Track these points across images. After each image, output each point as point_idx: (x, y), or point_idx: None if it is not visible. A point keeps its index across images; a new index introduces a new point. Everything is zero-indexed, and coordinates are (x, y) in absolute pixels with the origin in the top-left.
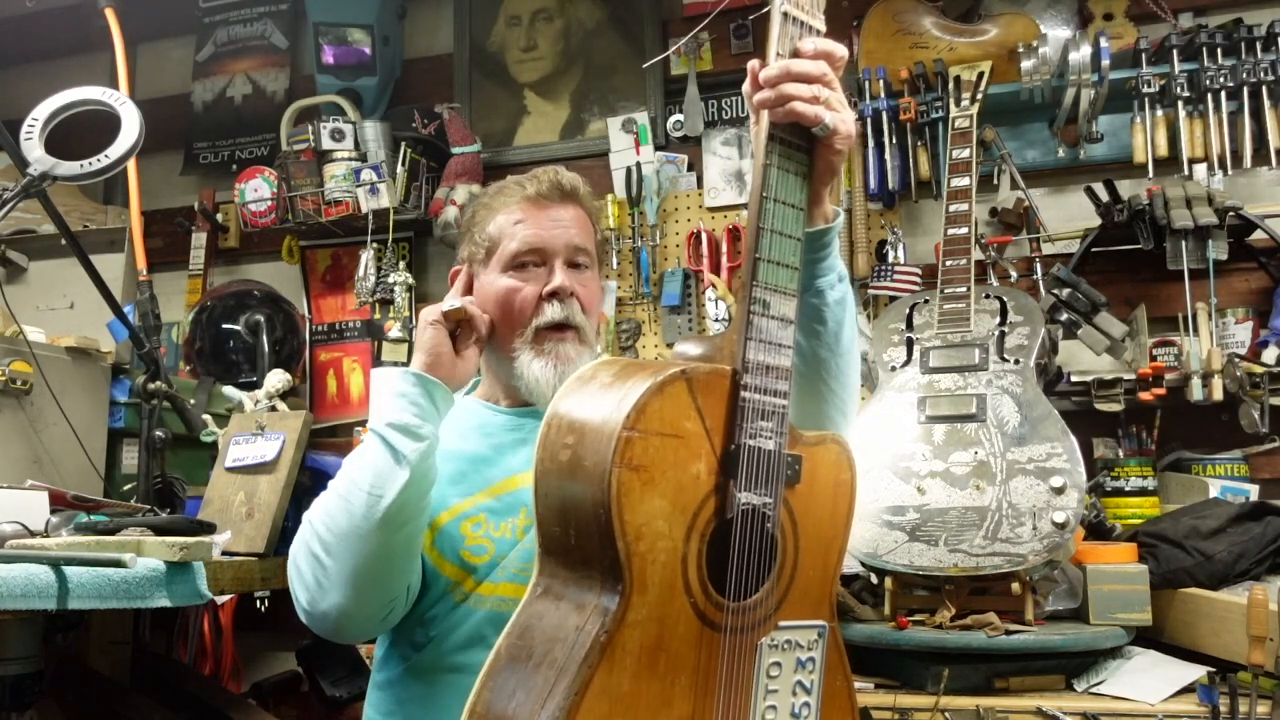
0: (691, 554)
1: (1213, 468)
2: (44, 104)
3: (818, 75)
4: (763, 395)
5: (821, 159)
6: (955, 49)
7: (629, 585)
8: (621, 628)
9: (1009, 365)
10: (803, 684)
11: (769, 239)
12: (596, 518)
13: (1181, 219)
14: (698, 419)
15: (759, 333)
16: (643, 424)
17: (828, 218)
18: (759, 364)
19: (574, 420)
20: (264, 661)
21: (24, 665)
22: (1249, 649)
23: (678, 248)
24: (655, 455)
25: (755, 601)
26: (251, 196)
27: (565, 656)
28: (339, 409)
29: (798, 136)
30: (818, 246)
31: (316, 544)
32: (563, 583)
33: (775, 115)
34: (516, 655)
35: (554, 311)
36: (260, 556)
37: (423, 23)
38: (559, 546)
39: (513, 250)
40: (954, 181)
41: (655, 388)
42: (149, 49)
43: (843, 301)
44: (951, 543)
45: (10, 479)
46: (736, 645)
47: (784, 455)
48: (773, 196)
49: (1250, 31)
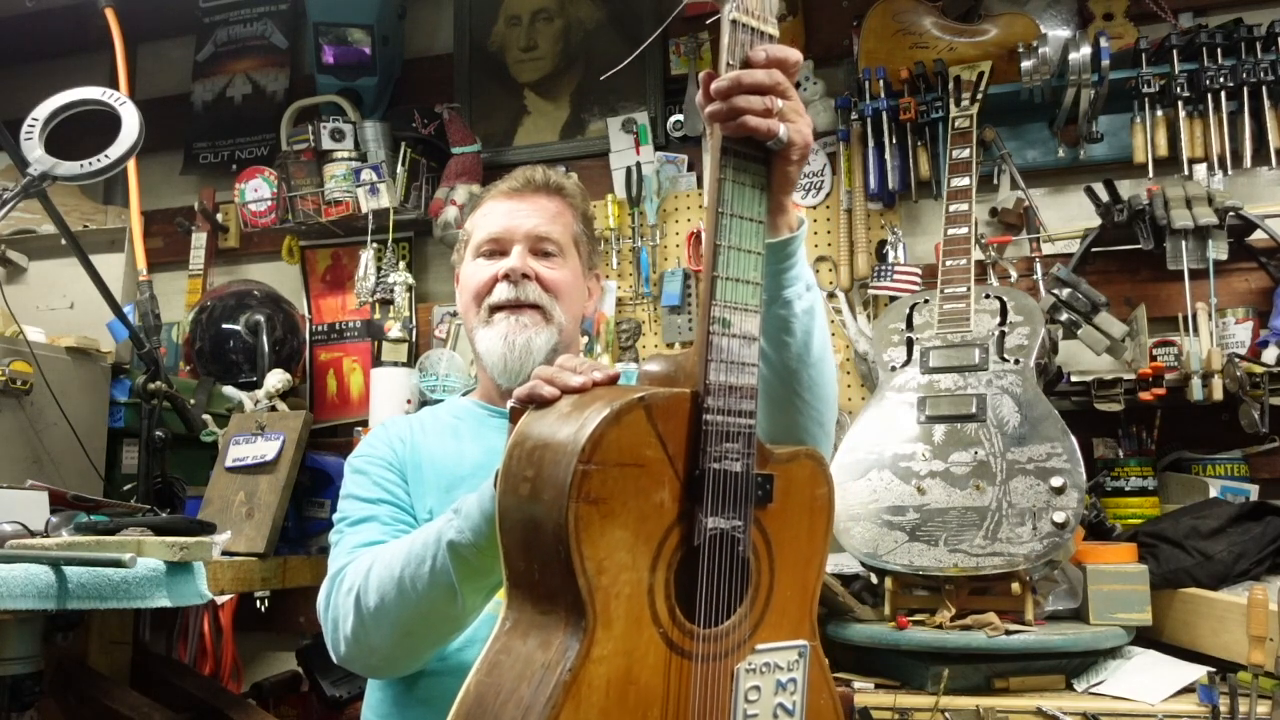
0: (659, 584)
1: (1213, 468)
2: (44, 104)
3: (770, 85)
4: (727, 417)
5: (778, 170)
6: (955, 49)
7: (592, 620)
8: (587, 664)
9: (1009, 365)
10: (784, 706)
11: (726, 255)
12: (557, 553)
13: (1181, 219)
14: (659, 446)
15: (720, 353)
16: (599, 455)
17: (791, 226)
18: (721, 385)
19: (533, 451)
20: (264, 661)
21: (24, 665)
22: (1249, 649)
23: (678, 248)
24: (614, 486)
25: (729, 627)
26: (251, 196)
27: (531, 696)
28: (339, 409)
29: (752, 148)
30: (782, 257)
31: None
32: (529, 617)
33: (727, 129)
34: (485, 693)
35: (501, 291)
36: (260, 556)
37: (423, 23)
38: (525, 580)
39: (478, 240)
40: (954, 181)
41: (611, 417)
42: (149, 49)
43: (811, 311)
44: (951, 543)
45: (10, 479)
46: (711, 673)
47: (753, 476)
48: (729, 211)
49: (1250, 31)
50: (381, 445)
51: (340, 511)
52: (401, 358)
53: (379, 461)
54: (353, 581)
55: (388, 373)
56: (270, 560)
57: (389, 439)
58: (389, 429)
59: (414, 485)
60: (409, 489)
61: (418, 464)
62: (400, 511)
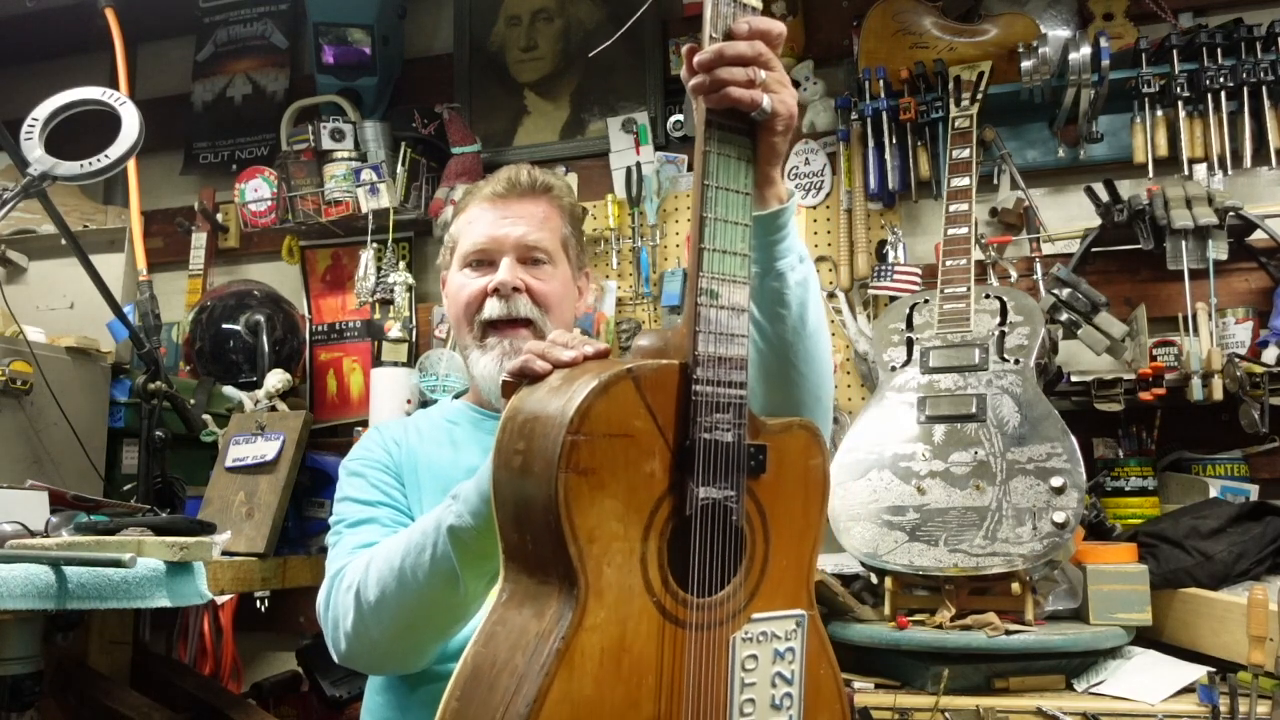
0: (651, 553)
1: (1213, 468)
2: (44, 104)
3: (753, 56)
4: (717, 388)
5: (764, 142)
6: (955, 49)
7: (585, 589)
8: (579, 632)
9: (1009, 365)
10: (783, 674)
11: (713, 227)
12: (548, 523)
13: (1181, 219)
14: (648, 417)
15: (709, 324)
16: (587, 427)
17: (781, 198)
18: (710, 356)
19: (524, 424)
20: (264, 661)
21: (24, 665)
22: (1249, 649)
23: (678, 248)
24: (604, 457)
25: (724, 596)
26: (251, 196)
27: (525, 664)
28: (339, 409)
29: (737, 120)
30: (773, 229)
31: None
32: (524, 588)
33: (711, 101)
34: (481, 663)
35: (493, 307)
36: (260, 556)
37: (423, 23)
38: (519, 553)
39: (465, 250)
40: (954, 181)
41: (599, 388)
42: (149, 49)
43: (805, 283)
44: (951, 543)
45: (10, 479)
46: (706, 641)
47: (745, 446)
48: (715, 183)
49: (1250, 31)
50: (377, 449)
51: (337, 514)
52: (401, 358)
53: (375, 464)
54: (352, 578)
55: (388, 373)
56: (270, 560)
57: (384, 442)
58: (383, 432)
59: (410, 490)
60: (405, 492)
61: (414, 468)
62: (398, 514)
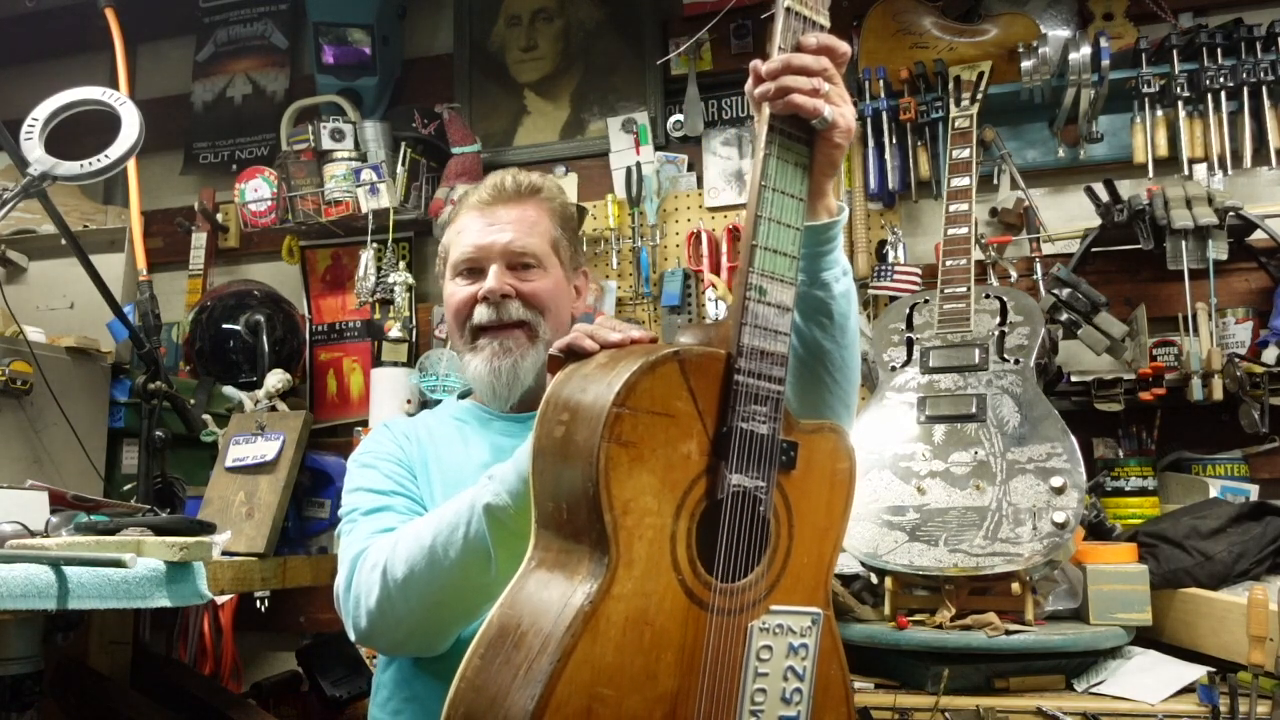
0: (680, 532)
1: (1213, 468)
2: (44, 104)
3: (818, 69)
4: (757, 380)
5: (821, 152)
6: (955, 49)
7: (615, 558)
8: (606, 599)
9: (1009, 365)
10: (794, 670)
11: (766, 227)
12: (586, 491)
13: (1181, 219)
14: (689, 400)
15: (754, 318)
16: (632, 401)
17: (831, 211)
18: (754, 349)
19: (569, 399)
20: (264, 661)
21: (24, 665)
22: (1249, 649)
23: (678, 248)
24: (645, 432)
25: (746, 584)
26: (251, 196)
27: (551, 625)
28: (339, 409)
29: (797, 128)
30: (822, 240)
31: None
32: (555, 556)
33: (775, 107)
34: (506, 624)
35: (481, 314)
36: (260, 556)
37: (423, 23)
38: (552, 521)
39: (454, 260)
40: (954, 181)
41: (647, 367)
42: (149, 49)
43: (847, 295)
44: (951, 543)
45: (10, 479)
46: (725, 626)
47: (778, 440)
48: (771, 185)
49: (1250, 31)
50: (388, 442)
51: (349, 504)
52: (401, 358)
53: (388, 457)
54: (377, 558)
55: (388, 373)
56: (270, 560)
57: (395, 436)
58: (393, 428)
59: (421, 485)
60: (418, 485)
61: (425, 464)
62: (413, 503)
